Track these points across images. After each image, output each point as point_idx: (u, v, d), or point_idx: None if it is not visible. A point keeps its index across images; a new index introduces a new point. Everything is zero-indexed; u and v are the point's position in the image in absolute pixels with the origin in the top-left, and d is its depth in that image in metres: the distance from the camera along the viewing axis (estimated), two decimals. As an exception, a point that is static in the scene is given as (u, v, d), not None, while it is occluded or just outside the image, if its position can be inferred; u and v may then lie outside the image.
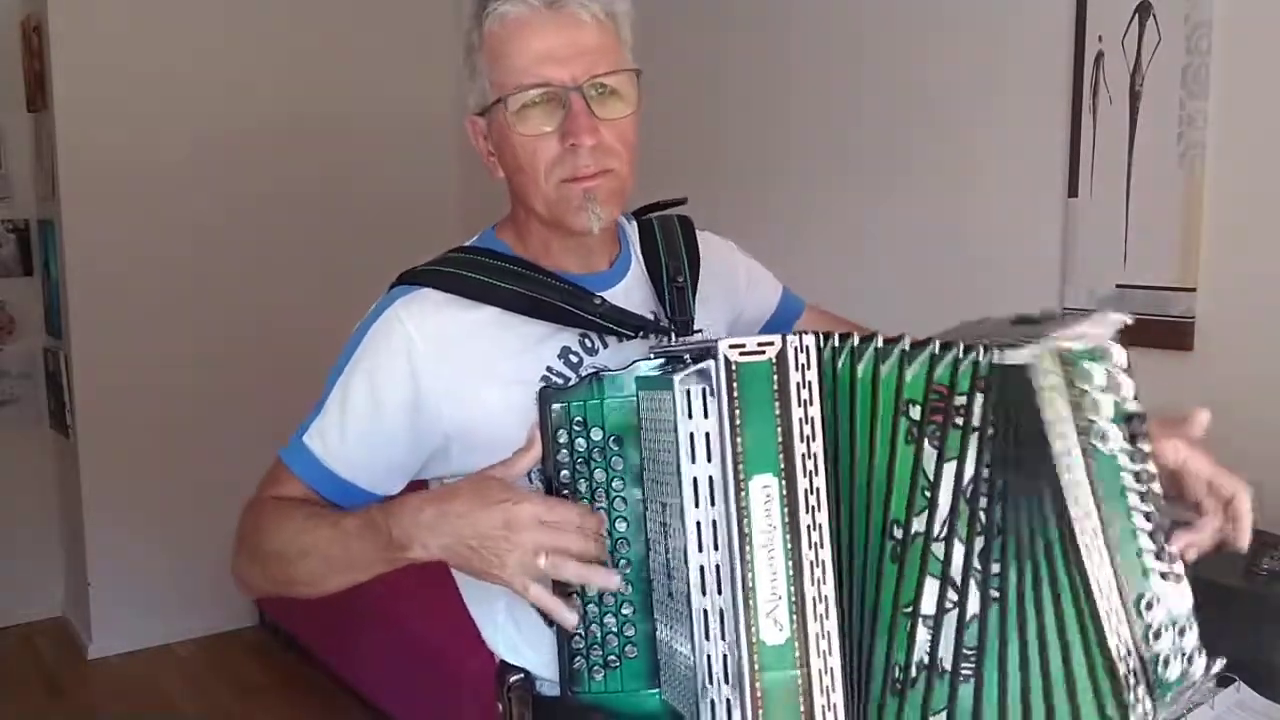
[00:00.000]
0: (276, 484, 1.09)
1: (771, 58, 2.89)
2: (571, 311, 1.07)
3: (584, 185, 1.03)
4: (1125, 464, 0.92)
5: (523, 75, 1.02)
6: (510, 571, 0.91)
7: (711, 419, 0.86)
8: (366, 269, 1.86)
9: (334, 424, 1.07)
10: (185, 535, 3.71)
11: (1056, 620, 0.90)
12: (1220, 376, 1.94)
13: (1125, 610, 0.90)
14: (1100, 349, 0.92)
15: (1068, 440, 0.90)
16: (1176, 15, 1.94)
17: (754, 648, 0.84)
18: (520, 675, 1.11)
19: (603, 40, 1.04)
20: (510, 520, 0.90)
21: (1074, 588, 0.90)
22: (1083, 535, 0.89)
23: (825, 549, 0.86)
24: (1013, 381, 0.90)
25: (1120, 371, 0.93)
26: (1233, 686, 1.35)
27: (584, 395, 0.98)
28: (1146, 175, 2.01)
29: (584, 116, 1.01)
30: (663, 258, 1.18)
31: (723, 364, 0.84)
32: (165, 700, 3.41)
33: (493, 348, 1.07)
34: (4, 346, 3.86)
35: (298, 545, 1.02)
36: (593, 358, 1.10)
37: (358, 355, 1.07)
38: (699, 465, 0.87)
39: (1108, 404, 0.92)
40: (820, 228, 2.76)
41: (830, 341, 0.89)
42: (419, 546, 0.94)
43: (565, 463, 0.98)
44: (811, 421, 0.86)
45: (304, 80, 3.81)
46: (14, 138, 3.81)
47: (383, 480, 1.09)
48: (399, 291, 1.08)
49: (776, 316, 1.32)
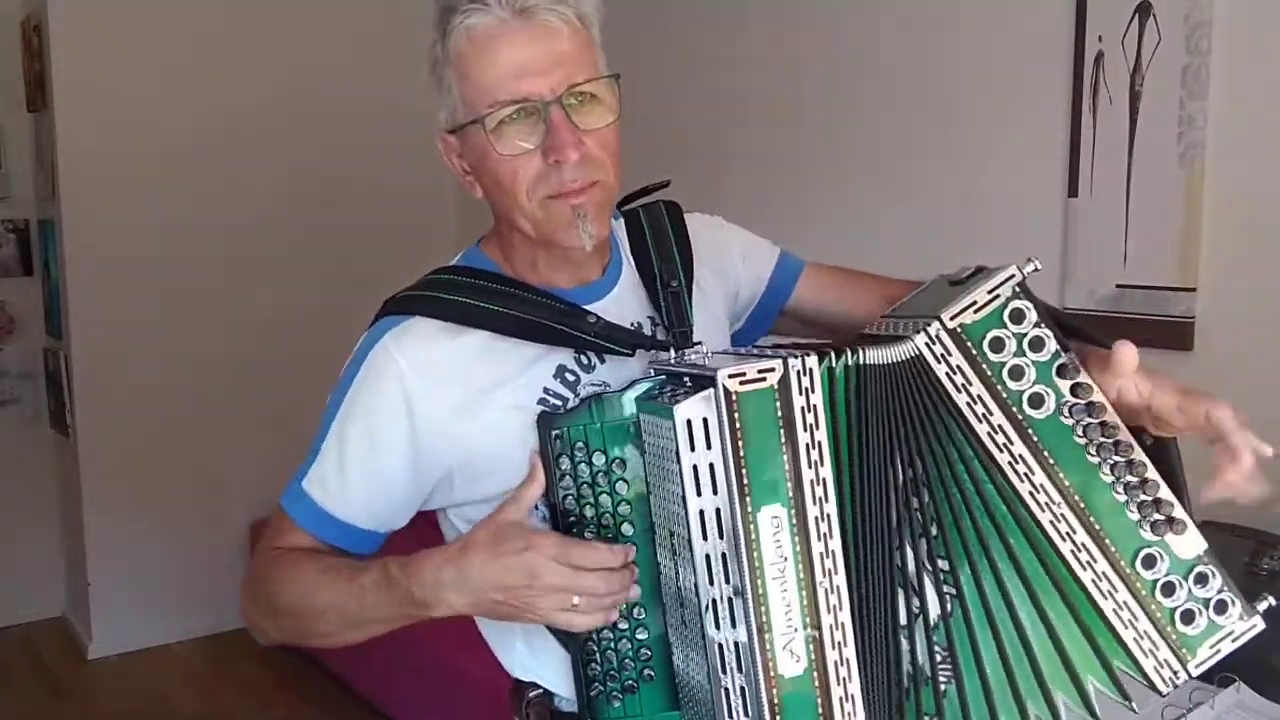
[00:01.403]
0: (281, 534, 1.06)
1: (771, 57, 2.89)
2: (565, 332, 1.02)
3: (572, 201, 0.98)
4: (1070, 422, 0.89)
5: (497, 91, 0.96)
6: (542, 617, 0.91)
7: (715, 451, 0.83)
8: (368, 269, 1.87)
9: (333, 468, 1.03)
10: (185, 535, 3.71)
11: (1031, 600, 0.89)
12: (1220, 376, 1.93)
13: (1120, 571, 0.88)
14: (996, 313, 0.89)
15: (994, 417, 0.88)
16: (1176, 15, 1.93)
17: (772, 681, 0.83)
18: (539, 691, 1.09)
19: (577, 46, 0.98)
20: (532, 569, 0.89)
21: (1044, 562, 0.89)
22: (1040, 509, 0.88)
23: (839, 575, 0.84)
24: (909, 375, 0.89)
25: (1033, 326, 0.89)
26: (1233, 686, 1.35)
27: (584, 419, 0.96)
28: (1146, 175, 2.01)
29: (566, 130, 0.96)
30: (654, 260, 1.13)
31: (723, 395, 0.82)
32: (165, 700, 3.41)
33: (487, 374, 1.03)
34: (4, 346, 3.86)
35: (313, 603, 1.00)
36: (590, 374, 1.05)
37: (351, 395, 1.03)
38: (704, 498, 0.85)
39: (1028, 367, 0.89)
40: (820, 227, 2.76)
41: (827, 359, 0.87)
42: (444, 606, 0.93)
43: (570, 489, 0.96)
44: (819, 446, 0.84)
45: (304, 80, 3.81)
46: (14, 138, 3.81)
47: (388, 519, 1.06)
48: (387, 323, 1.04)
49: (772, 286, 1.26)
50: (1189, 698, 1.34)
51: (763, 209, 2.91)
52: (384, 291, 1.10)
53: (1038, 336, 0.89)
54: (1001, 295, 0.89)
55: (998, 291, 0.89)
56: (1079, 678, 0.89)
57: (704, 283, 1.17)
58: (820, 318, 1.26)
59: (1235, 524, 1.79)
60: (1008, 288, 0.89)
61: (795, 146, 2.84)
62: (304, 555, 1.03)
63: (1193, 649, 0.89)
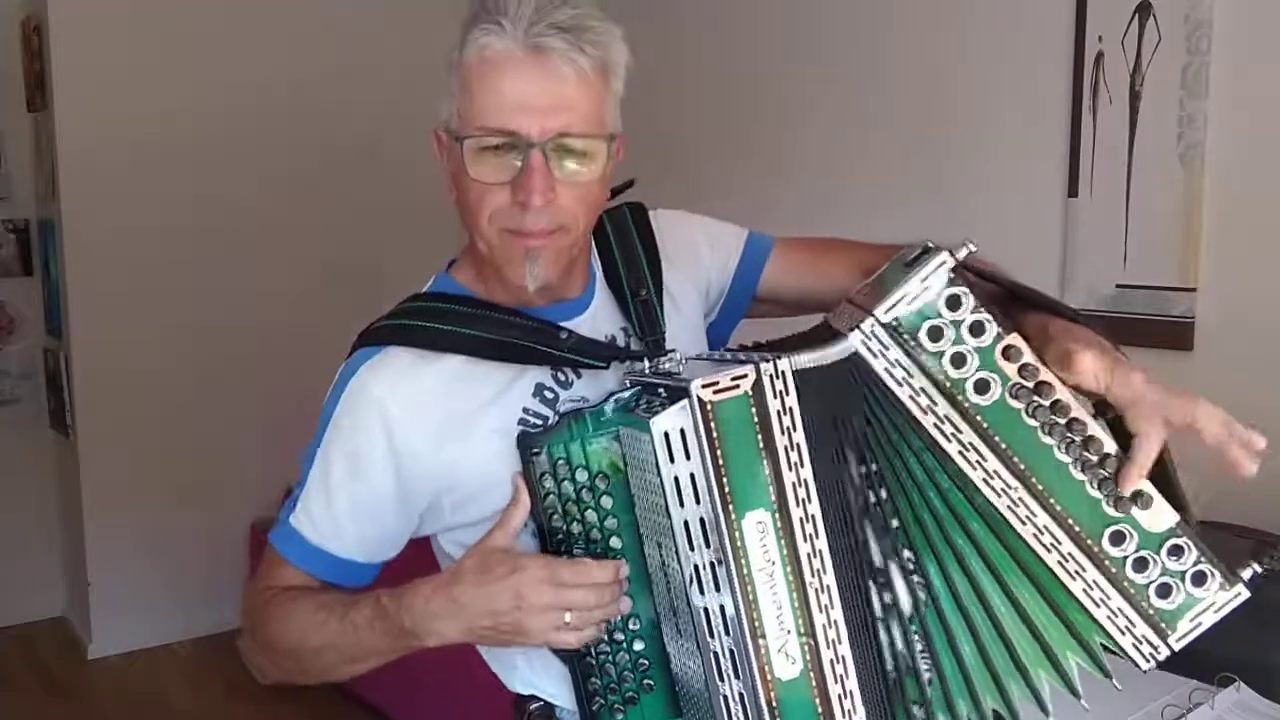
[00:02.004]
0: (274, 571, 1.06)
1: (771, 56, 2.89)
2: (538, 350, 1.02)
3: (528, 244, 0.97)
4: (1019, 405, 0.88)
5: (488, 117, 0.95)
6: (535, 639, 0.92)
7: (694, 461, 0.83)
8: (370, 271, 1.86)
9: (319, 504, 1.04)
10: (185, 535, 3.70)
11: (999, 585, 0.89)
12: (1220, 376, 1.94)
13: (1087, 550, 0.88)
14: (931, 304, 0.87)
15: (939, 408, 0.88)
16: (1176, 15, 1.94)
17: (770, 685, 0.83)
18: (541, 704, 1.09)
19: (583, 96, 0.96)
20: (519, 593, 0.90)
21: (1007, 547, 0.89)
22: (997, 495, 0.88)
23: (829, 574, 0.84)
24: (848, 374, 0.88)
25: (971, 312, 0.87)
26: (1232, 686, 1.35)
27: (564, 436, 0.96)
28: (1146, 175, 2.01)
29: (540, 176, 0.94)
30: (621, 270, 1.12)
31: (698, 406, 0.81)
32: (165, 700, 3.41)
33: (467, 398, 1.03)
34: (4, 346, 3.85)
35: (309, 644, 1.01)
36: (568, 391, 1.06)
37: (331, 430, 1.04)
38: (688, 509, 0.84)
39: (970, 354, 0.87)
40: (820, 226, 2.76)
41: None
42: (435, 636, 0.93)
43: (555, 508, 0.97)
44: (798, 448, 0.84)
45: (304, 79, 3.81)
46: (14, 138, 3.80)
47: (379, 549, 1.06)
48: (362, 355, 1.04)
49: (740, 274, 1.23)
50: (1189, 698, 1.34)
51: (762, 209, 2.91)
52: (387, 293, 1.10)
53: (978, 321, 0.87)
54: (933, 285, 0.87)
55: (928, 282, 0.87)
56: (1057, 658, 0.90)
57: (673, 286, 1.16)
58: (795, 297, 1.24)
59: (1235, 524, 1.80)
60: (940, 275, 0.87)
61: (794, 147, 2.84)
62: (299, 595, 1.03)
63: (1172, 623, 0.88)
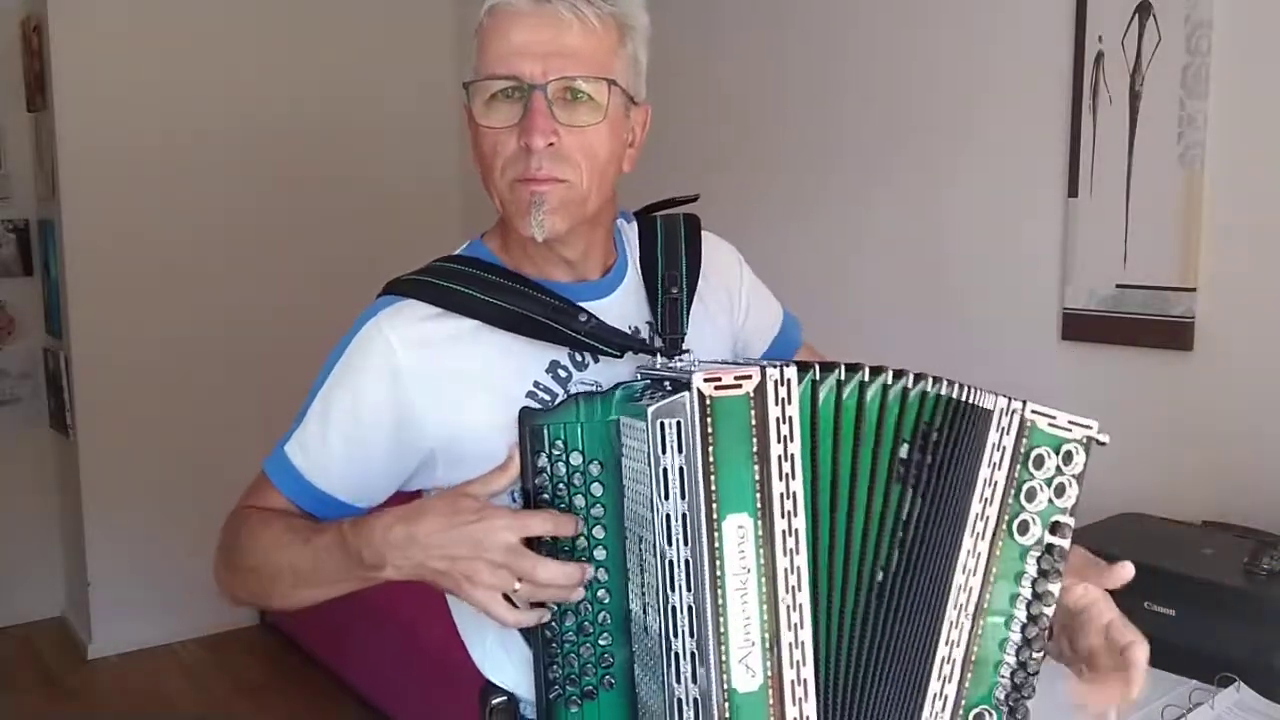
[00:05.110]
0: (258, 494, 1.08)
1: (770, 55, 2.89)
2: (555, 328, 1.03)
3: (532, 188, 0.99)
4: (1029, 566, 0.92)
5: (495, 65, 0.99)
6: (480, 593, 0.90)
7: (685, 455, 0.81)
8: (369, 270, 1.84)
9: (315, 436, 1.05)
10: (185, 535, 3.69)
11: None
12: (1220, 376, 1.94)
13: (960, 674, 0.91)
14: (1065, 445, 0.91)
15: (991, 507, 0.90)
16: (1176, 15, 1.94)
17: (725, 694, 0.80)
18: (503, 698, 1.09)
19: (587, 44, 0.99)
20: (480, 542, 0.89)
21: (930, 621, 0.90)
22: (953, 606, 0.90)
23: (804, 593, 0.83)
24: (971, 425, 0.90)
25: (1072, 478, 0.92)
26: (1233, 686, 1.35)
27: (565, 417, 0.95)
28: (1146, 175, 2.01)
29: (541, 117, 0.97)
30: (660, 264, 1.13)
31: (695, 399, 0.80)
32: (165, 700, 3.41)
33: (478, 361, 1.03)
34: (4, 346, 3.85)
35: (272, 562, 1.01)
36: (582, 373, 1.06)
37: (340, 366, 1.05)
38: (671, 502, 0.83)
39: (1043, 499, 0.92)
40: (820, 226, 2.76)
41: (811, 373, 0.85)
42: (391, 567, 0.92)
43: (545, 487, 0.95)
44: (792, 459, 0.82)
45: (305, 78, 3.81)
46: (14, 138, 3.80)
47: (365, 493, 1.06)
48: (383, 302, 1.06)
49: (778, 346, 1.26)
50: (1189, 698, 1.35)
51: (761, 208, 2.91)
52: (388, 295, 1.10)
53: (1063, 485, 0.92)
54: (1074, 434, 0.93)
55: (1075, 431, 0.93)
56: None
57: (707, 296, 1.17)
58: None
59: (1235, 524, 1.80)
60: (1084, 434, 0.93)
61: (794, 147, 2.84)
62: (274, 515, 1.04)
63: None
